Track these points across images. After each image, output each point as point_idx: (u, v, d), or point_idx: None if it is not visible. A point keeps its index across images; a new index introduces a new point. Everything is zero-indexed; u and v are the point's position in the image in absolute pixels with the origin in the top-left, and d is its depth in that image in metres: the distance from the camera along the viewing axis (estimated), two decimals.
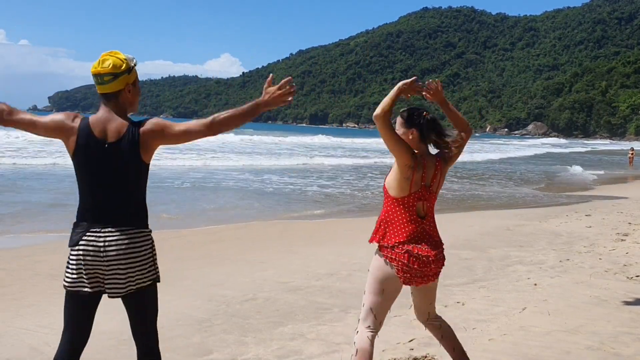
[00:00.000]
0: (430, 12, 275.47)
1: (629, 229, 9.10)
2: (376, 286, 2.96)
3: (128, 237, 2.42)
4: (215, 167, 22.46)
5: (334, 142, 52.32)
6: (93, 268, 2.41)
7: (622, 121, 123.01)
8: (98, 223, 2.43)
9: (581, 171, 27.20)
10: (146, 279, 2.49)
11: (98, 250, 2.40)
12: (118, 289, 2.45)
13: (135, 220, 2.47)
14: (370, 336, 2.96)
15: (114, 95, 2.49)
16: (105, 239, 2.40)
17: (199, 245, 8.08)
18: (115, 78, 2.47)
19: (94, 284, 2.45)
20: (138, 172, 2.48)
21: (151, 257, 2.52)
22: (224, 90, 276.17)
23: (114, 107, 2.49)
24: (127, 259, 2.41)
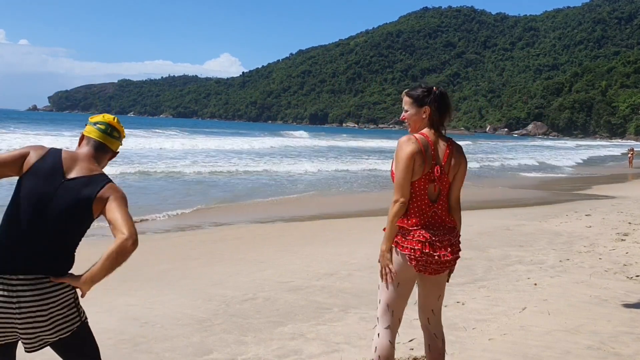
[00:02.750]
0: (430, 12, 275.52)
1: (629, 228, 9.10)
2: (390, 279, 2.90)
3: (43, 287, 2.20)
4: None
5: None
6: (6, 319, 2.19)
7: (622, 121, 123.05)
8: (13, 267, 2.19)
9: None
10: (66, 329, 2.28)
11: (10, 300, 2.17)
12: (31, 343, 2.25)
13: (57, 269, 2.25)
14: (391, 339, 2.89)
15: (105, 149, 2.48)
16: (18, 289, 2.17)
17: (199, 245, 8.08)
18: (119, 139, 2.54)
19: (8, 334, 2.23)
20: (83, 219, 2.30)
21: (72, 305, 2.30)
22: (224, 90, 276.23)
23: (97, 156, 2.45)
24: (40, 311, 2.19)
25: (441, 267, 2.85)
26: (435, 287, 2.99)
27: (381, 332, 2.91)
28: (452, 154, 2.88)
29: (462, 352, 3.96)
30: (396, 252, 2.85)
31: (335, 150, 39.09)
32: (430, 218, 2.84)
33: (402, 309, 2.93)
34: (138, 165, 19.35)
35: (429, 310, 3.02)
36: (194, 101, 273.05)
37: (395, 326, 2.92)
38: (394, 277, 2.86)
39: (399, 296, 2.90)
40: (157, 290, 5.62)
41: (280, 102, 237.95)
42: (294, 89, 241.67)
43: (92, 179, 2.34)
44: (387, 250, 2.87)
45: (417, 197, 2.83)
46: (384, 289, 2.91)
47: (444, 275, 2.96)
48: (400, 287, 2.88)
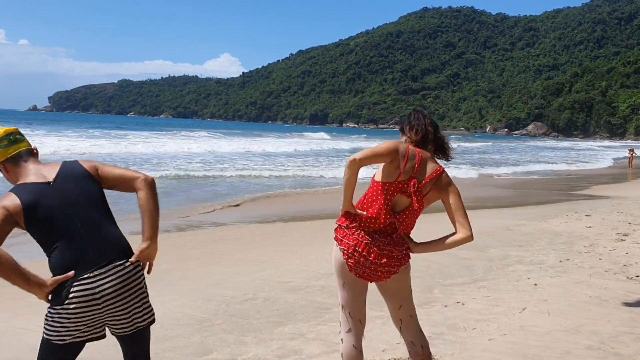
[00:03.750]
0: (430, 12, 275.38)
1: (629, 229, 9.10)
2: (338, 280, 2.84)
3: (121, 273, 2.32)
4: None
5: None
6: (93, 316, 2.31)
7: (622, 121, 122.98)
8: (83, 268, 2.28)
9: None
10: (151, 314, 2.45)
11: (94, 297, 2.27)
12: (124, 328, 2.38)
13: (120, 252, 2.36)
14: (355, 343, 2.79)
15: (30, 151, 2.46)
16: (98, 283, 2.28)
17: (199, 245, 8.09)
18: (22, 137, 2.49)
19: (92, 332, 2.35)
20: (96, 189, 2.41)
21: (147, 295, 2.46)
22: (224, 90, 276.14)
23: (35, 162, 2.43)
24: (126, 296, 2.34)
25: (376, 276, 2.74)
26: (392, 297, 2.87)
27: (344, 337, 2.82)
28: (437, 179, 2.76)
29: (462, 352, 3.96)
30: (335, 247, 2.80)
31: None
32: (383, 225, 2.72)
33: (359, 310, 2.82)
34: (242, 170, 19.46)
35: (397, 320, 2.92)
36: (194, 101, 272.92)
37: (358, 328, 2.81)
38: (339, 275, 2.81)
39: (351, 297, 2.80)
40: (157, 291, 5.59)
41: (280, 102, 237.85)
42: (294, 89, 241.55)
43: (65, 165, 2.42)
44: (343, 212, 2.78)
45: (381, 201, 2.71)
46: (339, 290, 2.86)
47: (392, 286, 2.82)
48: (347, 286, 2.80)
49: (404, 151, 2.72)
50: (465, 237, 2.74)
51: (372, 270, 2.73)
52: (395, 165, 2.70)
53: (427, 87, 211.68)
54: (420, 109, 2.99)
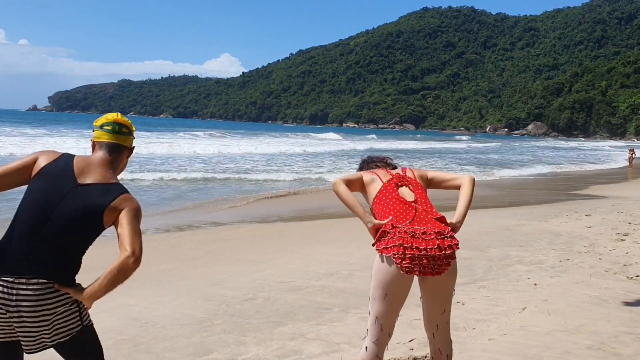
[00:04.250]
0: (430, 12, 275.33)
1: (629, 229, 9.10)
2: (378, 291, 2.77)
3: (44, 292, 2.17)
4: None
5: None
6: (4, 318, 2.17)
7: (622, 121, 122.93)
8: (14, 270, 2.16)
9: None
10: (65, 333, 2.24)
11: (9, 302, 2.15)
12: (30, 346, 2.22)
13: (61, 275, 2.21)
14: (378, 354, 2.78)
15: (120, 149, 2.40)
16: (18, 292, 2.14)
17: (199, 245, 8.09)
18: (130, 134, 2.45)
19: (9, 333, 2.21)
20: (92, 227, 2.25)
21: (74, 309, 2.26)
22: (224, 90, 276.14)
23: (113, 160, 2.37)
24: (39, 316, 2.16)
25: (435, 267, 2.70)
26: (438, 298, 2.83)
27: (369, 346, 2.81)
28: (410, 169, 3.10)
29: (462, 352, 3.96)
30: (380, 259, 2.76)
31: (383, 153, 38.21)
32: (411, 213, 2.82)
33: (391, 323, 2.81)
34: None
35: (433, 326, 2.88)
36: (194, 101, 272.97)
37: (384, 341, 2.81)
38: (381, 287, 2.76)
39: (388, 309, 2.77)
40: (157, 290, 5.62)
41: (280, 102, 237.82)
42: (294, 89, 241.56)
43: (108, 187, 2.28)
44: (372, 229, 2.86)
45: (392, 202, 2.86)
46: (373, 301, 2.80)
47: (445, 284, 2.80)
48: (389, 298, 2.74)
49: (367, 171, 3.13)
50: (470, 179, 3.06)
51: (429, 260, 2.69)
52: (369, 177, 3.01)
53: (427, 87, 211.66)
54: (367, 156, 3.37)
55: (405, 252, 2.68)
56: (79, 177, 2.26)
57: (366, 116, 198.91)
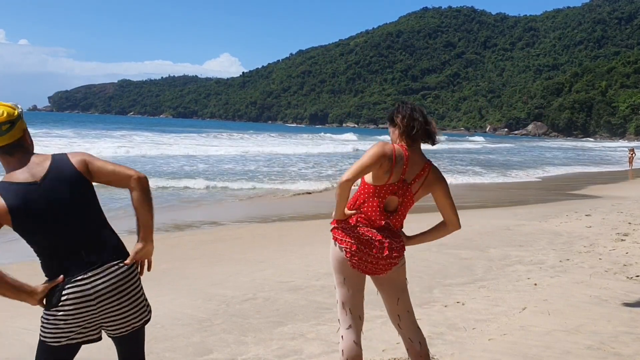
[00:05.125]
0: (430, 12, 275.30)
1: (629, 229, 9.09)
2: (338, 277, 2.85)
3: (115, 274, 2.28)
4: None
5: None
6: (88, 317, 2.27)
7: (622, 121, 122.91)
8: (79, 269, 2.24)
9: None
10: (145, 315, 2.41)
11: (88, 299, 2.24)
12: (120, 329, 2.35)
13: (114, 252, 2.32)
14: (355, 339, 2.81)
15: (17, 143, 2.29)
16: (93, 284, 2.24)
17: (199, 245, 8.09)
18: (13, 125, 2.27)
19: (92, 332, 2.33)
20: (85, 189, 2.30)
21: (142, 293, 2.42)
22: (224, 90, 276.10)
23: (23, 155, 2.30)
24: (121, 295, 2.30)
25: (379, 268, 2.79)
26: (390, 290, 2.90)
27: (344, 334, 2.83)
28: (426, 176, 2.83)
29: (462, 352, 3.96)
30: (335, 245, 2.83)
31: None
32: (378, 224, 2.78)
33: (358, 305, 2.86)
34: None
35: (395, 316, 2.93)
36: (194, 101, 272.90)
37: (357, 325, 2.84)
38: (338, 272, 2.84)
39: (351, 293, 2.83)
40: (157, 290, 5.61)
41: (280, 102, 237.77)
42: (294, 89, 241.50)
43: (54, 162, 2.28)
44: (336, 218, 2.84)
45: (374, 203, 2.78)
46: (336, 287, 2.88)
47: (391, 277, 2.86)
48: (348, 282, 2.82)
49: (391, 153, 2.75)
50: (454, 230, 2.94)
51: (374, 264, 2.78)
52: (385, 169, 2.74)
53: (427, 87, 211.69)
54: (407, 102, 2.99)
55: (356, 252, 2.76)
56: (32, 178, 2.25)
57: (366, 116, 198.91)
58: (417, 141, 2.87)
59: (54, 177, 2.25)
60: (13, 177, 2.25)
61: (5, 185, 2.24)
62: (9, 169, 2.30)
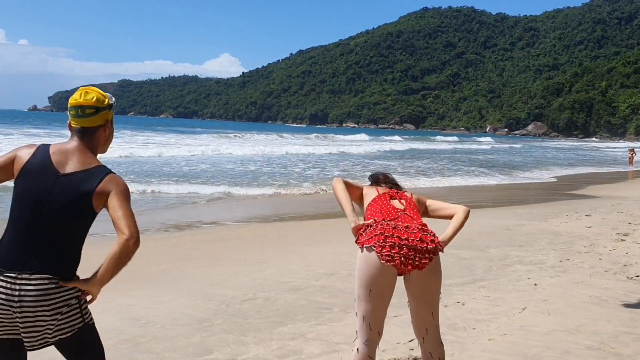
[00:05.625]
0: (430, 12, 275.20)
1: (629, 229, 9.10)
2: (363, 290, 2.75)
3: (47, 288, 2.17)
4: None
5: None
6: (9, 316, 2.18)
7: (622, 121, 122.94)
8: (16, 266, 2.17)
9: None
10: (67, 330, 2.24)
11: (12, 299, 2.15)
12: (32, 342, 2.21)
13: (62, 269, 2.21)
14: (370, 354, 2.77)
15: (92, 130, 2.32)
16: (21, 287, 2.15)
17: (199, 245, 8.08)
18: (97, 112, 2.31)
19: (12, 331, 2.21)
20: (83, 214, 2.24)
21: (75, 306, 2.25)
22: (224, 90, 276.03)
23: (88, 144, 2.31)
24: (42, 312, 2.17)
25: (416, 261, 2.70)
26: (423, 301, 2.83)
27: (360, 348, 2.78)
28: (409, 192, 3.13)
29: (462, 352, 3.96)
30: (361, 250, 2.77)
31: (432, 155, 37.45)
32: (398, 217, 2.87)
33: (379, 321, 2.77)
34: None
35: (422, 330, 2.86)
36: (194, 101, 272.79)
37: (375, 341, 2.79)
38: (364, 285, 2.74)
39: (374, 307, 2.73)
40: (157, 290, 5.62)
41: (280, 102, 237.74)
42: (294, 89, 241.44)
43: (90, 172, 2.26)
44: (354, 229, 2.90)
45: (381, 207, 2.92)
46: (359, 301, 2.77)
47: (430, 283, 2.81)
48: (373, 295, 2.71)
49: (368, 185, 3.19)
50: (465, 210, 3.03)
51: (410, 250, 2.69)
52: (368, 191, 3.07)
53: (427, 87, 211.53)
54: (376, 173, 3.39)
55: (386, 240, 2.69)
56: (59, 167, 2.25)
57: (366, 116, 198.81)
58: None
59: (73, 182, 2.23)
60: (55, 152, 2.27)
61: (45, 152, 2.27)
62: (65, 143, 2.32)
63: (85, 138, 2.32)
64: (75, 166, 2.26)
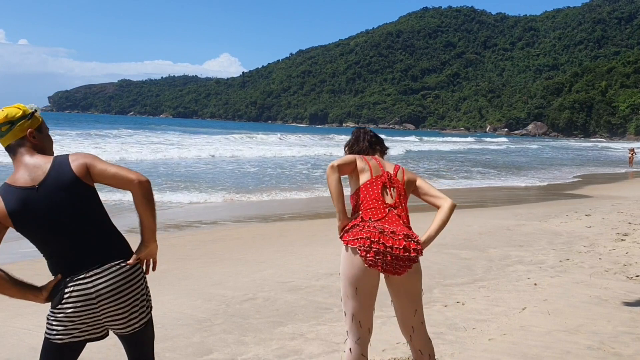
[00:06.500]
0: (430, 12, 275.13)
1: (629, 229, 9.10)
2: (349, 289, 2.78)
3: (117, 274, 2.29)
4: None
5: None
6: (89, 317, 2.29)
7: (622, 121, 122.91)
8: (82, 268, 2.26)
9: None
10: (145, 315, 2.39)
11: (89, 297, 2.26)
12: (122, 328, 2.35)
13: (117, 252, 2.33)
14: (364, 352, 2.79)
15: (20, 143, 2.31)
16: (94, 283, 2.26)
17: (199, 245, 8.08)
18: (12, 125, 2.30)
19: (88, 330, 2.33)
20: (86, 194, 2.30)
21: (145, 292, 2.41)
22: (224, 90, 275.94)
23: (28, 156, 2.30)
24: (122, 295, 2.30)
25: (398, 267, 2.73)
26: (407, 300, 2.84)
27: (352, 347, 2.80)
28: (401, 169, 3.04)
29: (462, 352, 3.96)
30: (346, 249, 2.80)
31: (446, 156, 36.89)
32: (387, 215, 2.84)
33: (368, 318, 2.81)
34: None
35: (409, 327, 2.88)
36: (194, 101, 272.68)
37: (366, 338, 2.81)
38: (350, 283, 2.77)
39: (362, 304, 2.77)
40: (157, 290, 5.60)
41: (280, 102, 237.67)
42: (294, 89, 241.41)
43: (56, 165, 2.28)
44: (341, 226, 2.92)
45: (371, 199, 2.87)
46: (346, 299, 2.81)
47: (411, 284, 2.82)
48: (360, 292, 2.75)
49: (361, 157, 3.04)
50: (450, 205, 2.96)
51: (393, 259, 2.72)
52: (362, 165, 2.96)
53: (427, 87, 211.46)
54: (359, 127, 3.33)
55: (372, 246, 2.72)
56: (32, 182, 2.26)
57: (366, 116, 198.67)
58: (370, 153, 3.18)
59: (52, 182, 2.26)
60: (15, 180, 2.28)
61: (7, 189, 2.27)
62: (15, 171, 2.32)
63: (21, 153, 2.32)
64: (40, 170, 2.27)
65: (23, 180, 2.26)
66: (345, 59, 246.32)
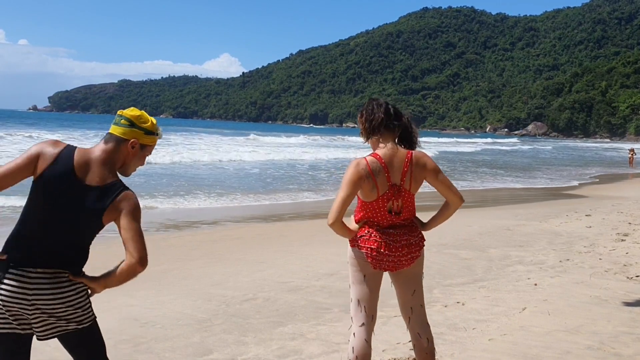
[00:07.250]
0: (430, 12, 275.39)
1: (629, 229, 9.10)
2: (357, 275, 2.89)
3: (60, 281, 2.25)
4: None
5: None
6: (19, 310, 2.23)
7: (622, 121, 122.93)
8: (30, 262, 2.23)
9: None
10: (81, 320, 2.32)
11: (26, 292, 2.22)
12: (43, 332, 2.29)
13: (74, 264, 2.31)
14: (367, 338, 2.87)
15: (113, 138, 2.34)
16: (35, 281, 2.22)
17: (199, 245, 8.08)
18: (131, 126, 2.34)
19: (23, 324, 2.27)
20: (93, 226, 2.31)
21: (86, 299, 2.35)
22: (224, 90, 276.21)
23: (110, 154, 2.33)
24: (55, 303, 2.24)
25: (401, 264, 2.87)
26: (406, 282, 2.94)
27: (357, 331, 2.88)
28: (411, 168, 2.84)
29: (462, 353, 3.96)
30: (353, 250, 2.91)
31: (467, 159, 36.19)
32: (390, 225, 2.87)
33: (373, 304, 2.91)
34: None
35: (407, 309, 2.97)
36: (194, 101, 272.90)
37: (370, 324, 2.90)
38: (359, 270, 2.89)
39: (369, 289, 2.88)
40: (157, 290, 5.62)
41: (280, 102, 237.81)
42: (294, 89, 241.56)
43: (106, 189, 2.27)
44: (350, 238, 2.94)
45: (376, 213, 2.86)
46: (353, 286, 2.93)
47: (410, 270, 2.93)
48: (367, 279, 2.87)
49: (366, 170, 2.78)
50: (455, 206, 2.94)
51: (396, 262, 2.86)
52: (369, 187, 2.80)
53: (427, 87, 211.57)
54: (376, 98, 3.04)
55: (378, 256, 2.84)
56: (80, 176, 2.27)
57: None
58: (387, 137, 2.89)
59: (88, 198, 2.26)
60: (79, 159, 2.27)
61: (70, 155, 2.27)
62: (85, 149, 2.34)
63: (109, 143, 2.34)
64: (94, 179, 2.28)
65: (80, 168, 2.26)
66: (345, 59, 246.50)
